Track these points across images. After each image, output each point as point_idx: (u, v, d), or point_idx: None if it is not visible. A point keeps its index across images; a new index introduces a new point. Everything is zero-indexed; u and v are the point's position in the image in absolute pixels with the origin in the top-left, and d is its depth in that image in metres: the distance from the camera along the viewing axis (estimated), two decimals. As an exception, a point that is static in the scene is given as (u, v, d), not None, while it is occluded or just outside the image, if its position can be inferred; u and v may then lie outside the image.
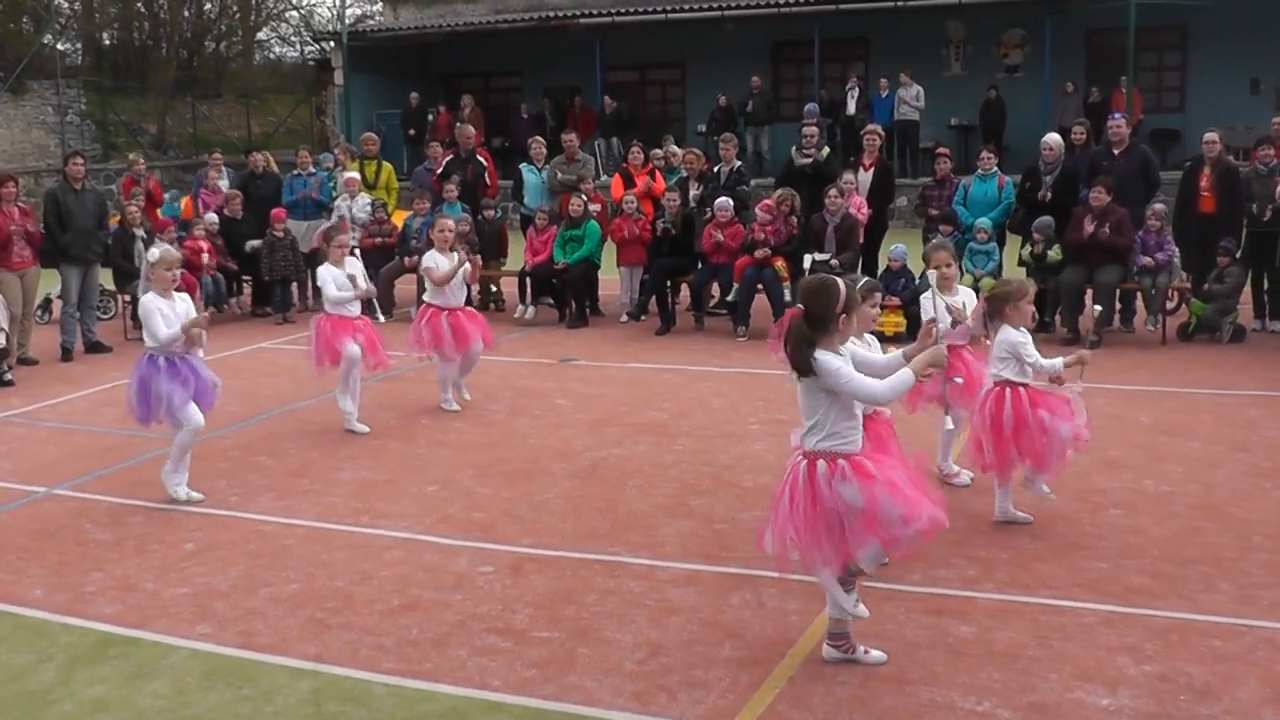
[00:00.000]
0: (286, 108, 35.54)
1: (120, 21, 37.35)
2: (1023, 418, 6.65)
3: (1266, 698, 4.79)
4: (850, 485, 4.89)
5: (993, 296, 6.90)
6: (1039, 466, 6.74)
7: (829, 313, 4.89)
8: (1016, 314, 6.79)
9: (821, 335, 4.89)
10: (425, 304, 9.97)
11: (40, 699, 5.08)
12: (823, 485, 4.93)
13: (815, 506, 4.93)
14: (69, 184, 12.93)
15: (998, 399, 6.78)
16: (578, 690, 5.02)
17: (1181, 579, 6.04)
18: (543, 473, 8.17)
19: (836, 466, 4.93)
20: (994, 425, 6.72)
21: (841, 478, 4.90)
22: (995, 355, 6.86)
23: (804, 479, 4.98)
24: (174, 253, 7.80)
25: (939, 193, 13.67)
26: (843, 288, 4.93)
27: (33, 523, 7.37)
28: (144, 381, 7.57)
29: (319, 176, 15.88)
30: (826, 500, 4.91)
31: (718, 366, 11.52)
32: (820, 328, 4.89)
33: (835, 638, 5.21)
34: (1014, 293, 6.82)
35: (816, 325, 4.90)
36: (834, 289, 4.91)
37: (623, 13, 27.06)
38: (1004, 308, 6.80)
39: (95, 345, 13.10)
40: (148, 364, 7.60)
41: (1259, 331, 12.55)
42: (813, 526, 4.93)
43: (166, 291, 7.61)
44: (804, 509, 4.95)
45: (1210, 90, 24.84)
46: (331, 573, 6.42)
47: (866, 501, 4.86)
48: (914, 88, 24.37)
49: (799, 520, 4.96)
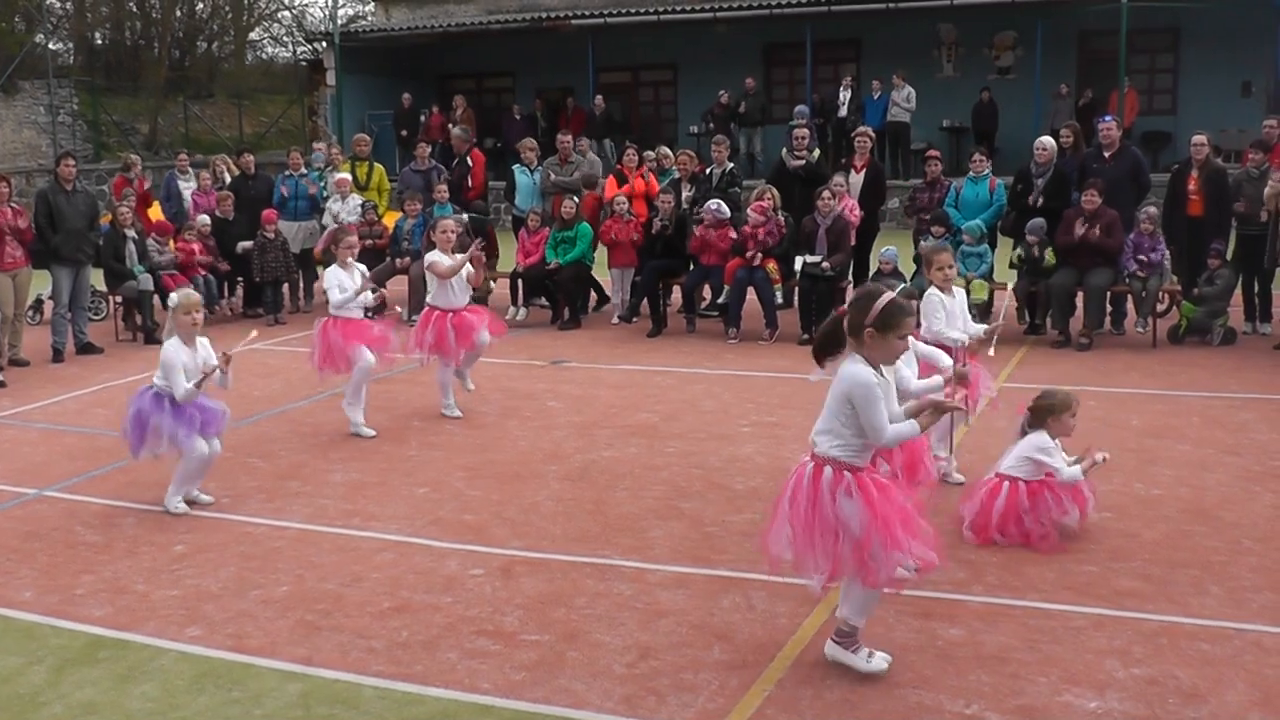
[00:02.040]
0: (278, 108, 35.52)
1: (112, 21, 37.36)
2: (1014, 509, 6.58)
3: (1254, 701, 4.80)
4: (852, 503, 4.85)
5: (1037, 407, 6.80)
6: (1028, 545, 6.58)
7: (858, 321, 4.84)
8: (1058, 425, 6.72)
9: (857, 342, 4.87)
10: (429, 306, 9.85)
11: (29, 701, 5.07)
12: (825, 493, 4.90)
13: (814, 510, 4.91)
14: (60, 185, 12.90)
15: (993, 490, 6.68)
16: (567, 693, 5.02)
17: (1171, 582, 6.06)
18: (533, 475, 8.17)
19: (842, 479, 4.89)
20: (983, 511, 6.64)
21: (846, 492, 4.87)
22: (1018, 454, 6.75)
23: (808, 482, 4.96)
24: (193, 295, 7.56)
25: (929, 195, 13.69)
26: (883, 304, 4.79)
27: (23, 524, 7.36)
28: (141, 415, 7.44)
29: (311, 178, 15.86)
30: (826, 507, 4.89)
31: (709, 369, 11.53)
32: (851, 333, 4.88)
33: (842, 635, 5.18)
34: (1059, 405, 6.74)
35: (852, 330, 4.88)
36: (869, 300, 4.84)
37: (615, 14, 27.08)
38: (1046, 418, 6.74)
39: (86, 346, 13.07)
40: (152, 400, 7.43)
41: (1249, 334, 12.58)
42: (809, 530, 4.92)
43: (189, 338, 7.45)
44: (804, 511, 4.94)
45: (1202, 93, 24.92)
46: (322, 575, 6.42)
47: (862, 528, 4.83)
48: (906, 89, 24.40)
49: (798, 521, 4.95)
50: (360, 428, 9.30)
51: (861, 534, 4.83)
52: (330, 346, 9.23)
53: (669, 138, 25.69)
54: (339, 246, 9.47)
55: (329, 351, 9.24)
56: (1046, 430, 6.72)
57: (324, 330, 9.30)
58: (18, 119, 30.92)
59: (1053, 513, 6.60)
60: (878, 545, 4.82)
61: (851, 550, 4.88)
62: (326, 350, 9.25)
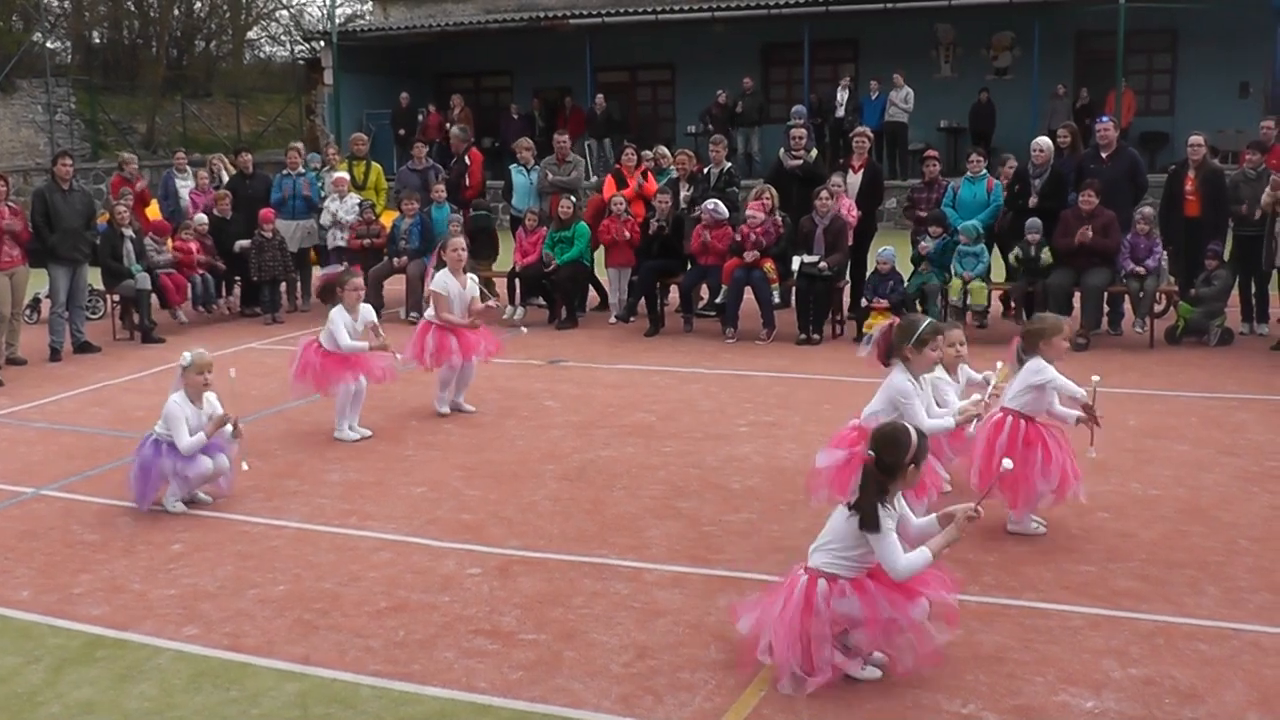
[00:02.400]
0: (276, 107, 35.50)
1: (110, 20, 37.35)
2: (1013, 448, 6.57)
3: (1252, 701, 4.81)
4: (850, 600, 4.90)
5: (1027, 333, 6.86)
6: (1010, 503, 6.69)
7: (899, 462, 4.93)
8: (1050, 350, 6.74)
9: (892, 483, 4.94)
10: (427, 321, 9.84)
11: (27, 701, 5.07)
12: (820, 603, 4.93)
13: (807, 618, 4.92)
14: (57, 184, 12.88)
15: (997, 425, 6.72)
16: (564, 692, 5.02)
17: (1168, 582, 6.06)
18: (531, 474, 8.17)
19: (837, 586, 4.94)
20: (988, 446, 6.66)
21: (840, 595, 4.92)
22: (1020, 381, 6.77)
23: (801, 593, 4.97)
24: (206, 356, 7.55)
25: (927, 195, 13.70)
26: (914, 438, 4.97)
27: (20, 523, 7.36)
28: (146, 467, 7.44)
29: (308, 178, 15.85)
30: (821, 615, 4.91)
31: (706, 368, 11.53)
32: (890, 475, 4.93)
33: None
34: (1049, 329, 6.77)
35: (889, 473, 4.93)
36: (906, 439, 4.97)
37: (613, 13, 27.07)
38: (1038, 343, 6.76)
39: (84, 345, 13.07)
40: (152, 449, 7.43)
41: (1246, 335, 12.58)
42: (791, 635, 4.92)
43: (197, 397, 7.47)
44: (793, 619, 4.94)
45: (1199, 94, 24.93)
46: (319, 574, 6.42)
47: (866, 610, 4.88)
48: (904, 90, 24.40)
49: (782, 628, 4.96)
50: (342, 431, 9.23)
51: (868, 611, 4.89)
52: (307, 366, 9.15)
53: (666, 137, 25.70)
54: (344, 289, 9.25)
55: (305, 371, 9.16)
56: (1040, 355, 6.74)
57: (305, 350, 9.23)
58: (15, 118, 30.90)
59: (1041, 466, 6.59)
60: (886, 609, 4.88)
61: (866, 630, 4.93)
62: (304, 369, 9.18)
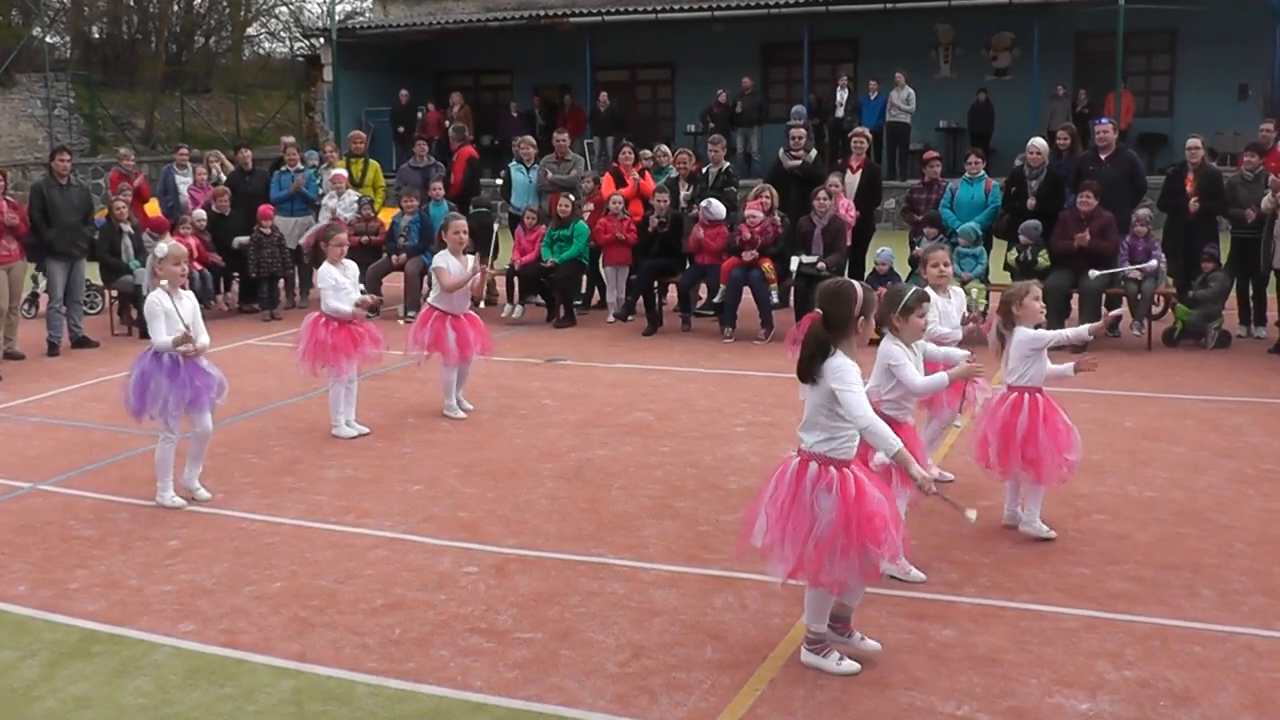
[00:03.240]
0: (275, 104, 35.46)
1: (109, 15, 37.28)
2: (1035, 426, 6.63)
3: (1246, 704, 4.82)
4: (830, 498, 4.92)
5: (1001, 306, 6.95)
6: (1037, 476, 6.67)
7: (847, 315, 4.94)
8: (1024, 312, 6.81)
9: (839, 339, 4.94)
10: (430, 307, 9.83)
11: (23, 695, 5.08)
12: (806, 487, 4.97)
13: (793, 504, 4.98)
14: (55, 179, 12.89)
15: (1015, 404, 6.74)
16: (560, 691, 5.03)
17: (1163, 585, 6.07)
18: (528, 473, 8.18)
19: (826, 474, 4.96)
20: (1005, 428, 6.69)
21: (826, 488, 4.93)
22: (1016, 356, 6.83)
23: (791, 476, 5.04)
24: (181, 247, 7.67)
25: (927, 196, 13.71)
26: (860, 290, 5.01)
27: (17, 518, 7.36)
28: (144, 376, 7.48)
29: (306, 174, 15.85)
30: (805, 501, 4.95)
31: (704, 368, 11.53)
32: (838, 331, 4.94)
33: (811, 642, 5.24)
34: (1018, 293, 6.86)
35: (834, 329, 4.94)
36: (851, 291, 5.00)
37: (613, 12, 27.06)
38: (1011, 308, 6.84)
39: (81, 340, 13.07)
40: (151, 360, 7.50)
41: (1244, 337, 12.58)
42: (782, 521, 4.98)
43: (174, 288, 7.50)
44: (782, 503, 5.00)
45: (1198, 95, 24.91)
46: (315, 571, 6.42)
47: (829, 528, 4.90)
48: (905, 90, 24.40)
49: (773, 511, 5.02)
50: (340, 428, 9.25)
51: (828, 533, 4.89)
52: (318, 344, 9.14)
53: (666, 136, 25.68)
54: (329, 244, 9.40)
55: (315, 348, 9.15)
56: (1020, 324, 6.83)
57: (313, 327, 9.22)
58: (14, 112, 30.86)
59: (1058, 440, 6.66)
60: (837, 548, 4.88)
61: (814, 549, 4.93)
62: (312, 346, 9.16)
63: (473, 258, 9.88)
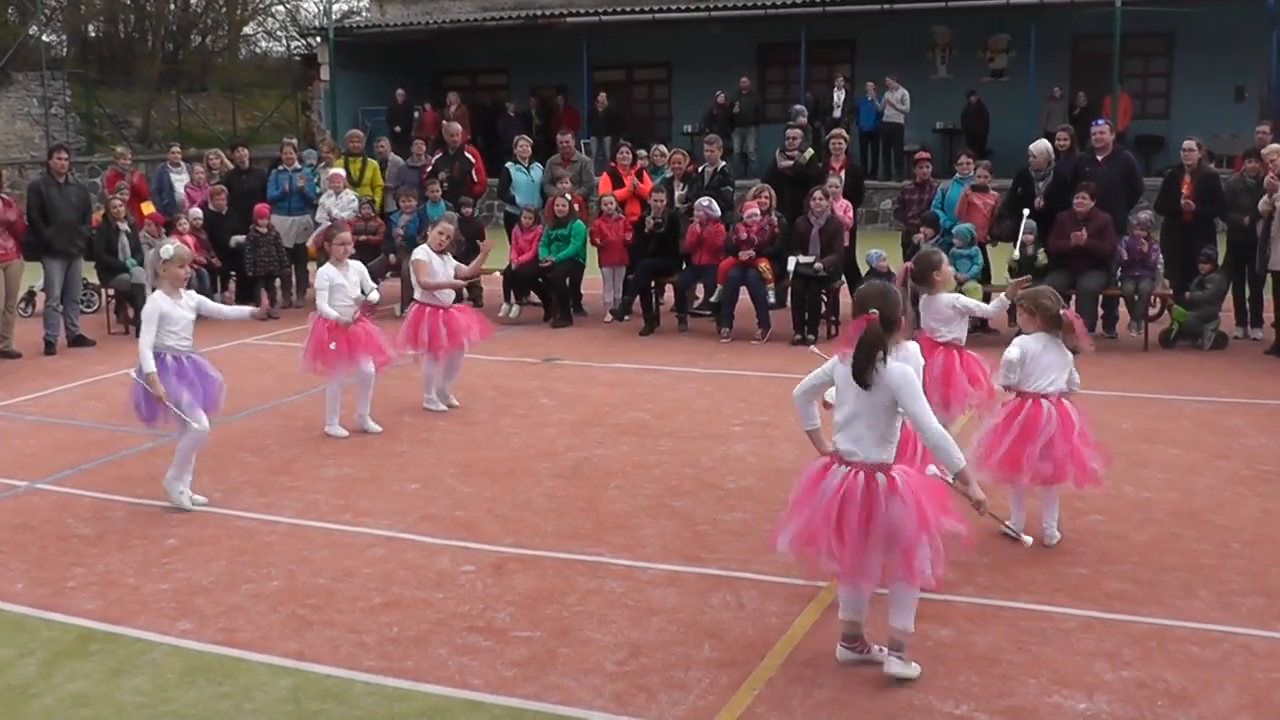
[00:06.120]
0: (272, 103, 35.44)
1: (106, 14, 37.25)
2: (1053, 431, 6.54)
3: (1243, 704, 4.83)
4: (904, 507, 4.83)
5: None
6: (1059, 474, 6.53)
7: (896, 316, 5.01)
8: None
9: (893, 340, 4.94)
10: (417, 303, 9.84)
11: (20, 694, 5.08)
12: (881, 501, 4.86)
13: (871, 522, 4.86)
14: (52, 178, 12.88)
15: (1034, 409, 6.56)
16: (558, 690, 5.03)
17: (1160, 585, 6.08)
18: (525, 472, 8.18)
19: (894, 486, 4.86)
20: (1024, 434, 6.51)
21: (900, 500, 4.83)
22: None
23: (862, 493, 4.89)
24: (186, 250, 7.62)
25: (918, 196, 13.73)
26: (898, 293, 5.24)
27: (14, 517, 7.36)
28: None
29: (304, 173, 15.84)
30: (880, 516, 4.85)
31: (701, 368, 11.54)
32: (891, 331, 4.94)
33: (898, 646, 5.13)
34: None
35: (890, 329, 4.93)
36: (895, 293, 5.13)
37: (610, 12, 27.06)
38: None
39: (78, 339, 13.06)
40: (156, 363, 7.43)
41: (1240, 339, 12.60)
42: (864, 541, 4.86)
43: (175, 289, 7.45)
44: (856, 523, 4.86)
45: (1195, 97, 24.93)
46: (313, 570, 6.42)
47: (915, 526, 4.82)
48: (900, 91, 24.41)
49: (850, 534, 4.86)
50: (335, 428, 9.24)
51: (914, 536, 4.84)
52: (319, 348, 9.10)
53: (663, 136, 25.67)
54: (332, 243, 9.36)
55: (320, 350, 9.13)
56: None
57: (318, 327, 9.18)
58: (11, 111, 30.84)
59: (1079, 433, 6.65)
60: (923, 541, 4.85)
61: (902, 554, 4.89)
62: (318, 347, 9.15)
63: (455, 264, 9.89)
